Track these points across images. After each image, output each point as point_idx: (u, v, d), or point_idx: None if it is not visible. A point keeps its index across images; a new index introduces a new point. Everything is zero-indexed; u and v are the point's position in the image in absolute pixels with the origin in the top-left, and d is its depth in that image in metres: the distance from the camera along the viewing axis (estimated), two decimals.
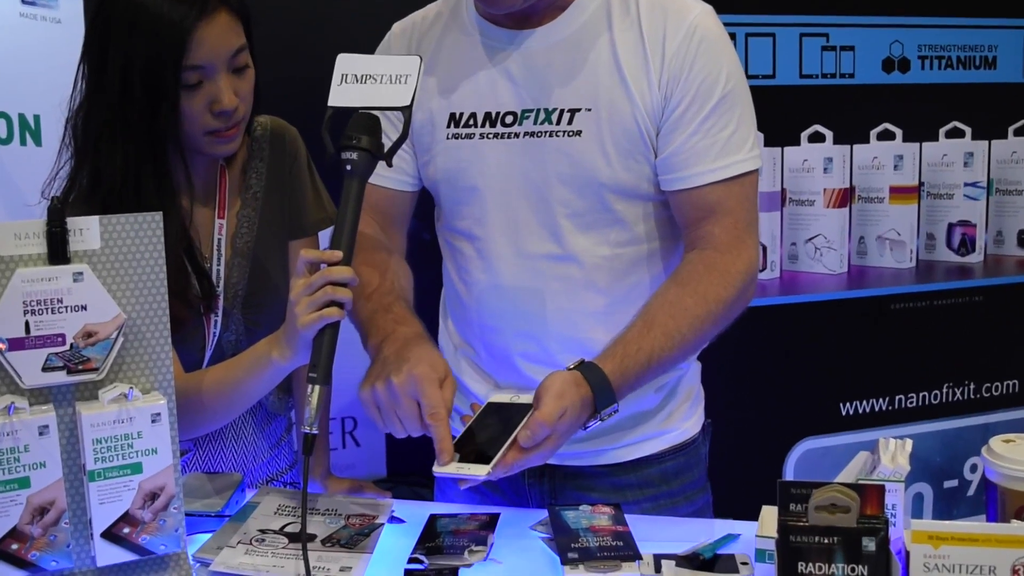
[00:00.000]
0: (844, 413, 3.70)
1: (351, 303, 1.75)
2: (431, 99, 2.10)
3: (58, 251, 1.57)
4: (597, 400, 1.84)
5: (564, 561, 1.74)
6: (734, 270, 1.99)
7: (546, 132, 2.02)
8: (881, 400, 3.73)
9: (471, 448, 1.78)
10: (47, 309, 1.55)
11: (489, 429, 1.83)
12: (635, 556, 1.75)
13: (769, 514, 1.70)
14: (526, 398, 1.87)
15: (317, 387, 1.72)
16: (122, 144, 2.00)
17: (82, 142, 2.05)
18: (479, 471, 1.72)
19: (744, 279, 2.00)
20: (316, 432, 1.72)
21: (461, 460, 1.74)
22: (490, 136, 2.05)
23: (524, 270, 2.08)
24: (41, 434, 1.56)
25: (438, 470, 1.74)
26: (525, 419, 1.78)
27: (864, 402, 3.71)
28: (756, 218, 2.07)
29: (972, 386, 3.85)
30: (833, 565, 1.45)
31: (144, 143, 2.01)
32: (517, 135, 2.04)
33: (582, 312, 2.08)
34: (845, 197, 3.76)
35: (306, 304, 1.74)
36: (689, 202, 2.03)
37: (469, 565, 1.75)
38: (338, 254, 1.75)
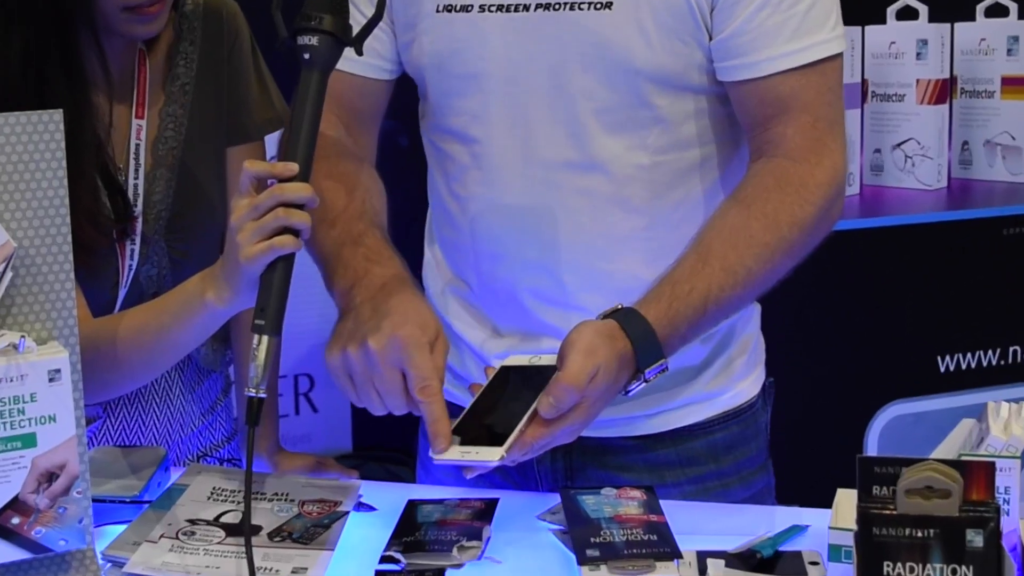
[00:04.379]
0: (943, 369, 3.70)
1: (309, 230, 1.74)
2: None
3: None
4: (639, 356, 1.83)
5: (581, 560, 1.73)
6: (813, 183, 1.97)
7: (566, 4, 2.00)
8: (990, 352, 3.73)
9: (480, 425, 1.77)
10: None
11: (503, 400, 1.82)
12: (673, 554, 1.74)
13: (846, 500, 1.69)
14: (549, 359, 1.85)
15: (265, 338, 1.72)
16: (19, 25, 2.01)
17: None
18: (490, 455, 1.70)
19: (827, 193, 1.99)
20: (264, 395, 1.72)
21: (468, 442, 1.73)
22: (493, 9, 2.03)
23: (535, 182, 2.07)
24: None
25: (438, 457, 1.73)
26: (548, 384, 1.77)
27: (968, 355, 3.71)
28: (841, 115, 2.07)
29: None
30: (929, 565, 1.44)
31: (48, 24, 2.01)
32: (528, 7, 2.02)
33: (610, 237, 2.07)
34: (944, 91, 3.74)
35: (252, 231, 1.73)
36: (755, 96, 2.01)
37: (459, 565, 1.75)
38: (293, 167, 1.74)
